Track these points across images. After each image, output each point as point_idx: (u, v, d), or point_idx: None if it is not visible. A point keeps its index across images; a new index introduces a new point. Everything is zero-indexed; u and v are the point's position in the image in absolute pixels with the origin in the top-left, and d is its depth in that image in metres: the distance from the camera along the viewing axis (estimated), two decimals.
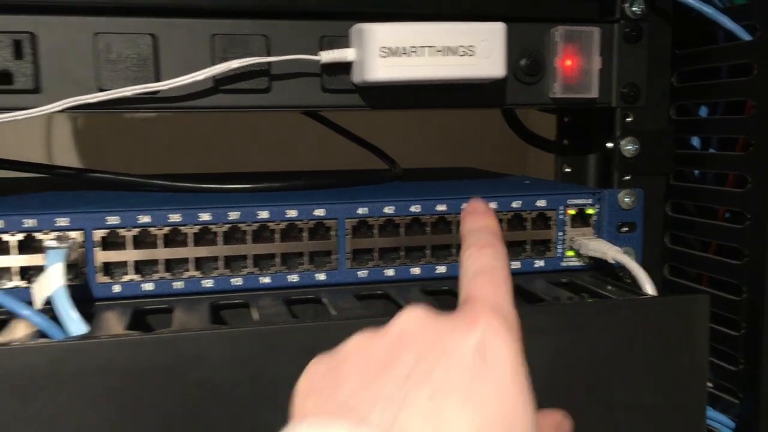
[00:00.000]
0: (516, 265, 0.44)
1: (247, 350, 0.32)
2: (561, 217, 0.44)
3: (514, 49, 0.40)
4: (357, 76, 0.38)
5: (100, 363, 0.31)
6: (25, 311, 0.34)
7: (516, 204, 0.43)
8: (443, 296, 0.41)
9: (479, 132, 1.00)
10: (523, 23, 0.41)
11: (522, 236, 0.44)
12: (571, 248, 0.44)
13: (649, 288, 0.39)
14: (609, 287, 0.41)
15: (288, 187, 0.45)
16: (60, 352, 0.30)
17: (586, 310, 0.35)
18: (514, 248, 0.44)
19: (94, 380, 0.30)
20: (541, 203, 0.43)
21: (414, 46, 0.36)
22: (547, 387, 0.35)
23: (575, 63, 0.42)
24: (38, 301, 0.35)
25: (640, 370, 0.35)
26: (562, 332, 0.35)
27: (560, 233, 0.44)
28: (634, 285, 0.40)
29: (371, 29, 0.36)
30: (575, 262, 0.44)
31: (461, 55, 0.36)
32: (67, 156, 0.82)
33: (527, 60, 0.41)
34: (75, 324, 0.34)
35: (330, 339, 0.33)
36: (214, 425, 0.32)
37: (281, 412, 0.32)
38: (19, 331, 0.34)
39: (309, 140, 0.90)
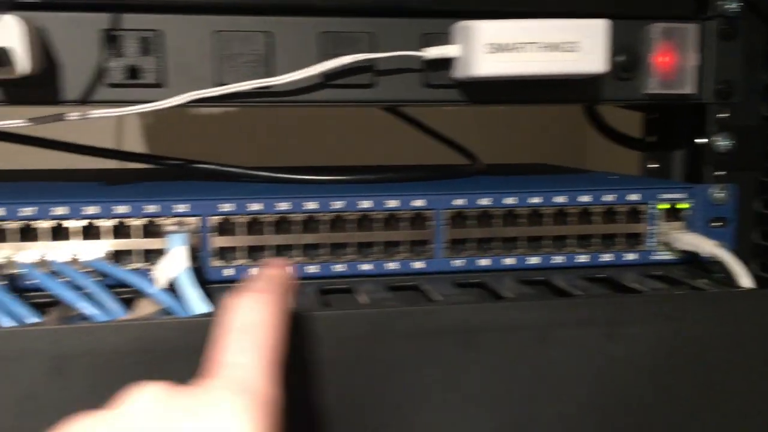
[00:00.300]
0: (607, 257, 0.44)
1: (362, 331, 0.34)
2: (653, 211, 0.44)
3: (611, 46, 0.41)
4: (460, 72, 0.39)
5: None
6: (152, 290, 0.36)
7: (608, 198, 0.44)
8: (537, 286, 0.42)
9: (536, 129, 1.02)
10: (619, 20, 0.42)
11: (614, 229, 0.44)
12: (662, 242, 0.45)
13: (745, 281, 0.39)
14: (702, 280, 0.42)
15: (383, 179, 0.47)
16: (191, 328, 0.33)
17: (689, 300, 0.36)
18: (605, 241, 0.45)
19: None
20: (634, 197, 0.44)
21: (519, 42, 0.37)
22: (648, 376, 0.36)
23: (671, 59, 0.43)
24: (163, 281, 0.38)
25: (740, 361, 0.36)
26: (665, 322, 0.35)
27: (652, 227, 0.45)
28: (727, 279, 0.41)
29: (478, 26, 0.37)
30: (666, 256, 0.45)
31: (565, 51, 0.37)
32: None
33: (624, 56, 0.42)
34: (199, 303, 0.36)
35: (437, 322, 0.35)
36: (328, 400, 0.34)
37: (390, 389, 0.34)
38: (144, 309, 0.37)
39: (381, 136, 0.92)
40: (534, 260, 0.44)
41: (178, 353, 0.32)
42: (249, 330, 0.25)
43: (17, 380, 0.31)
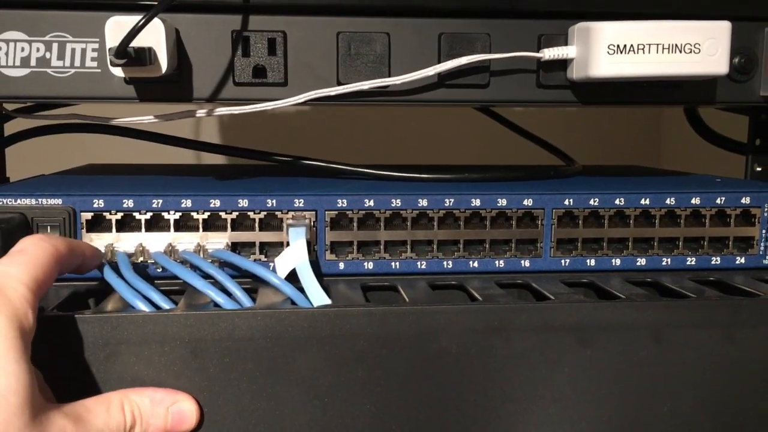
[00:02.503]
0: (717, 260, 0.44)
1: (484, 325, 0.35)
2: (766, 214, 0.44)
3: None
4: (578, 73, 0.40)
5: (353, 329, 0.34)
6: (277, 281, 0.38)
7: (720, 200, 0.44)
8: (646, 287, 0.42)
9: (610, 131, 1.01)
10: (737, 21, 0.41)
11: (725, 233, 0.44)
12: None
13: None
14: None
15: (489, 178, 0.48)
16: (320, 318, 0.34)
17: None
18: (715, 244, 0.44)
19: (347, 344, 0.34)
20: (746, 200, 0.44)
21: (641, 44, 0.37)
22: (765, 380, 0.36)
23: None
24: (283, 272, 0.39)
25: None
26: None
27: (764, 231, 0.44)
28: None
29: (599, 27, 0.38)
30: None
31: (687, 53, 0.37)
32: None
33: (741, 58, 0.42)
34: (319, 295, 0.37)
35: (554, 319, 0.35)
36: (447, 390, 0.35)
37: (507, 384, 0.35)
38: (267, 298, 0.38)
39: (468, 137, 0.93)
40: (642, 262, 0.44)
41: (305, 341, 0.34)
42: (23, 252, 0.30)
43: (156, 363, 0.33)
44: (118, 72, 0.37)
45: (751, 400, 0.36)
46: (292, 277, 0.38)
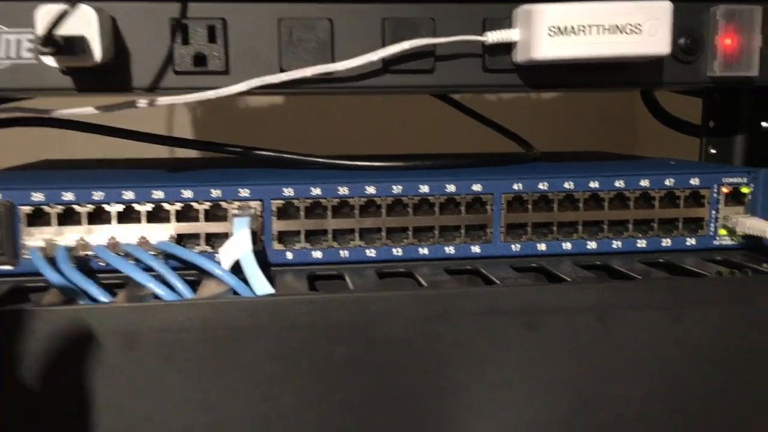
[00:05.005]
0: (667, 242, 0.44)
1: (429, 311, 0.34)
2: (715, 195, 0.44)
3: (673, 28, 0.41)
4: (522, 55, 0.39)
5: (293, 319, 0.34)
6: (220, 271, 0.37)
7: (669, 182, 0.43)
8: (596, 271, 0.42)
9: (585, 118, 1.01)
10: (681, 2, 0.41)
11: (674, 214, 0.44)
12: (723, 227, 0.44)
13: None
14: (765, 265, 0.41)
15: (441, 165, 0.47)
16: (260, 308, 0.33)
17: (757, 283, 0.36)
18: (665, 226, 0.44)
19: (288, 334, 0.34)
20: (695, 181, 0.44)
21: (582, 25, 0.37)
22: (713, 361, 0.36)
23: (735, 41, 0.42)
24: (227, 263, 0.39)
25: None
26: (730, 305, 0.35)
27: (713, 212, 0.44)
28: None
29: (541, 10, 0.37)
30: (728, 242, 0.45)
31: (628, 33, 0.37)
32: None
33: (686, 39, 0.42)
34: (263, 284, 0.37)
35: (500, 304, 0.35)
36: (392, 378, 0.34)
37: (455, 371, 0.35)
38: (210, 290, 0.38)
39: (432, 126, 0.92)
40: (593, 245, 0.44)
41: (244, 331, 0.33)
42: None
43: (91, 356, 0.32)
44: (51, 62, 0.36)
45: (698, 379, 0.36)
46: (239, 269, 0.38)
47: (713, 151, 0.53)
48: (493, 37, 0.39)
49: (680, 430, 0.36)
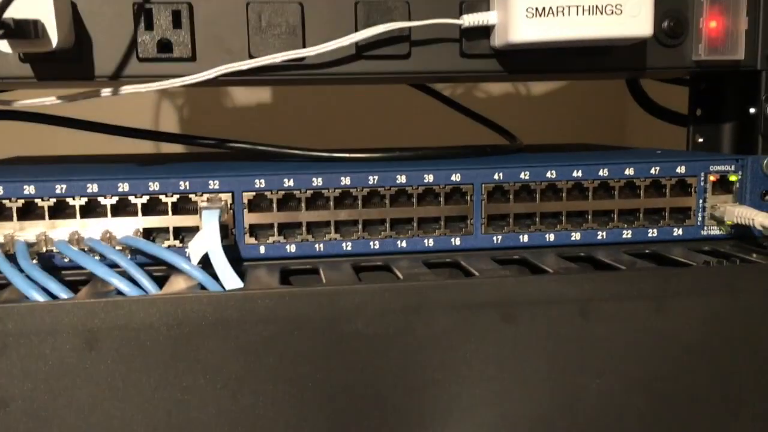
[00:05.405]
0: (654, 233, 0.43)
1: (401, 305, 0.33)
2: (702, 184, 0.43)
3: (657, 10, 0.39)
4: (500, 39, 0.38)
5: (262, 313, 0.32)
6: (185, 265, 0.36)
7: (655, 170, 0.42)
8: (580, 262, 0.41)
9: (573, 111, 1.00)
10: None
11: (661, 203, 0.43)
12: (711, 216, 0.43)
13: None
14: (754, 255, 0.40)
15: (419, 156, 0.46)
16: (225, 302, 0.32)
17: (742, 272, 0.34)
18: (652, 216, 0.43)
19: (256, 329, 0.32)
20: (681, 170, 0.42)
21: (561, 6, 0.35)
22: (698, 351, 0.35)
23: (720, 24, 0.41)
24: (195, 257, 0.37)
25: None
26: (716, 295, 0.34)
27: (701, 200, 0.43)
28: None
29: None
30: (716, 231, 0.43)
31: (609, 14, 0.36)
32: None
33: (670, 21, 0.40)
34: (231, 279, 0.35)
35: (476, 296, 0.34)
36: (365, 374, 0.33)
37: (429, 366, 0.33)
38: (177, 286, 0.36)
39: (416, 119, 0.91)
40: (577, 236, 0.42)
41: (210, 327, 0.32)
42: None
43: (49, 355, 0.31)
44: (5, 47, 0.34)
45: (682, 373, 0.35)
46: (210, 264, 0.36)
47: (701, 139, 0.51)
48: (469, 20, 0.38)
49: (665, 424, 0.35)
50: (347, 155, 0.45)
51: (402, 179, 0.40)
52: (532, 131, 0.58)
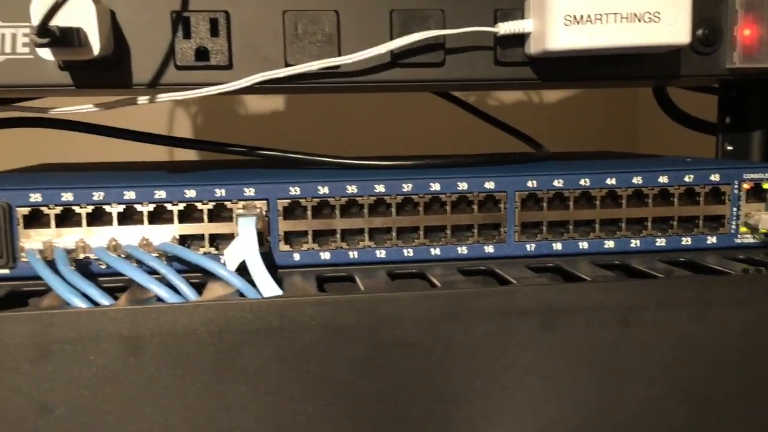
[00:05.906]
0: (687, 241, 0.43)
1: (441, 312, 0.33)
2: (736, 191, 0.42)
3: (692, 18, 0.39)
4: (535, 47, 0.38)
5: (303, 321, 0.32)
6: (225, 272, 0.36)
7: (689, 178, 0.42)
8: (615, 270, 0.41)
9: (585, 118, 1.00)
10: None
11: (694, 211, 0.43)
12: (745, 224, 0.43)
13: None
14: None
15: (451, 163, 0.46)
16: (267, 309, 0.32)
17: None
18: (685, 224, 0.43)
19: (296, 336, 0.32)
20: (715, 177, 0.42)
21: (599, 14, 0.35)
22: (738, 361, 0.34)
23: (755, 32, 0.41)
24: (232, 264, 0.37)
25: None
26: (758, 303, 0.34)
27: (734, 208, 0.43)
28: None
29: None
30: (749, 239, 0.43)
31: (647, 22, 0.36)
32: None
33: (705, 29, 0.40)
34: (270, 286, 0.35)
35: (517, 304, 0.33)
36: (405, 381, 0.33)
37: (468, 373, 0.33)
38: (215, 292, 0.36)
39: (439, 128, 0.91)
40: (610, 244, 0.42)
41: (251, 334, 0.32)
42: None
43: (92, 361, 0.31)
44: (47, 55, 0.35)
45: (722, 380, 0.35)
46: (245, 271, 0.36)
47: (730, 147, 0.51)
48: (505, 28, 0.38)
49: None
50: (379, 163, 0.45)
51: (436, 187, 0.40)
52: (542, 138, 0.58)
